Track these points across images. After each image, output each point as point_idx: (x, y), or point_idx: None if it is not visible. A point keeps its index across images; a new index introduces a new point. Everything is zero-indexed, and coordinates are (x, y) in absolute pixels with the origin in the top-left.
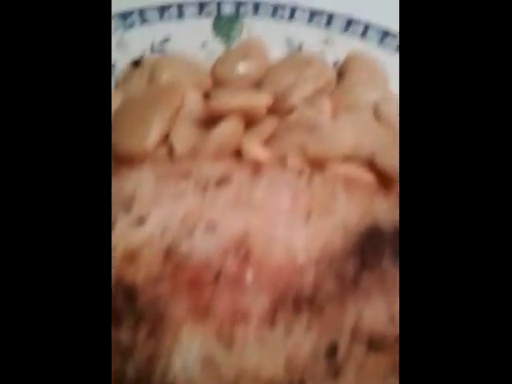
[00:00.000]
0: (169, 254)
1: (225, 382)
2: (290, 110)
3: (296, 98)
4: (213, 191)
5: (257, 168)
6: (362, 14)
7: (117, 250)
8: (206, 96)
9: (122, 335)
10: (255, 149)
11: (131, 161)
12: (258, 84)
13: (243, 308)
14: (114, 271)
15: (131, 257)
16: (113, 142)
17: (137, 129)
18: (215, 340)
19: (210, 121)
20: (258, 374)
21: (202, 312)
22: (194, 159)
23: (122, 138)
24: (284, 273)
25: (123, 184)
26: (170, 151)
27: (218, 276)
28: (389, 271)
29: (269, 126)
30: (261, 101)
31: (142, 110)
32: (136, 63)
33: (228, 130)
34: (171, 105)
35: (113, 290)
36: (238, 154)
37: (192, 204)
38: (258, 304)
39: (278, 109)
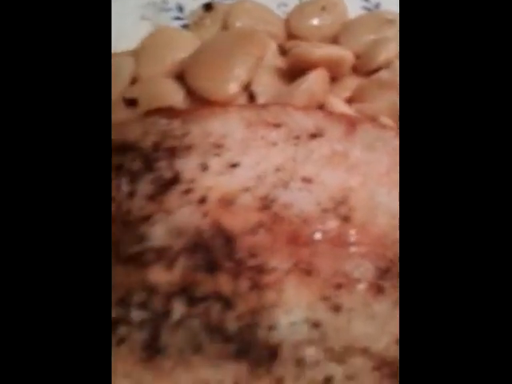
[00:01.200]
0: (266, 203)
1: (334, 353)
2: (375, 70)
3: (381, 57)
4: (306, 144)
5: (351, 124)
6: None
7: (211, 195)
8: (282, 49)
9: (222, 284)
10: (342, 106)
11: (215, 105)
12: (334, 41)
13: (347, 272)
14: (209, 216)
15: (227, 202)
16: (193, 86)
17: (217, 75)
18: (321, 302)
19: (292, 73)
20: (369, 348)
21: (304, 270)
22: (283, 108)
23: (202, 83)
24: (389, 239)
25: (211, 127)
26: (251, 101)
27: (318, 235)
28: None
29: (352, 83)
30: (347, 54)
31: (222, 56)
32: (207, 7)
33: (316, 82)
34: (253, 53)
35: (210, 236)
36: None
37: (285, 155)
38: (362, 270)
39: (360, 67)
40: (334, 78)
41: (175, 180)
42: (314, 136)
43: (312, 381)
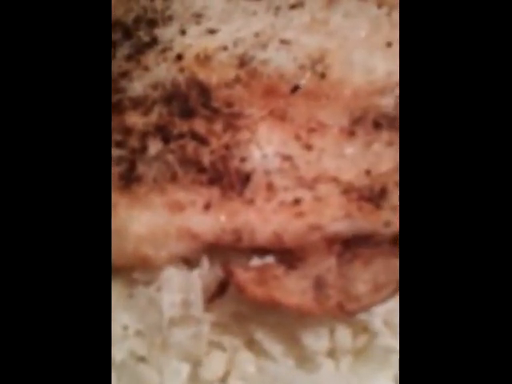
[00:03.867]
0: (243, 61)
1: (303, 181)
2: None
3: None
4: (286, 13)
5: None
6: None
7: (188, 53)
8: None
9: (196, 126)
10: None
11: None
12: None
13: (321, 120)
14: (185, 71)
15: (204, 59)
16: None
17: None
18: (293, 140)
19: None
20: (338, 178)
21: (279, 117)
22: None
23: None
24: (364, 91)
25: (191, 1)
26: None
27: (294, 89)
28: None
29: None
30: None
31: None
32: None
33: None
34: None
35: (185, 87)
36: None
37: (264, 22)
38: (336, 119)
39: None
40: None
41: (153, 42)
42: (294, 6)
43: (282, 202)
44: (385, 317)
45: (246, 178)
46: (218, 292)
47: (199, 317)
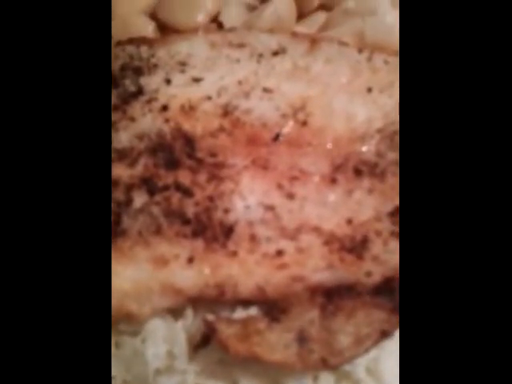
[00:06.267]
0: (227, 110)
1: (286, 232)
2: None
3: None
4: (268, 60)
5: (313, 42)
6: None
7: (173, 104)
8: None
9: (181, 177)
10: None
11: (183, 31)
12: None
13: (303, 167)
14: (171, 122)
15: (189, 109)
16: (163, 18)
17: (186, 6)
18: (276, 190)
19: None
20: (320, 228)
21: (261, 165)
22: (248, 30)
23: (172, 15)
24: (345, 139)
25: (177, 49)
26: (220, 27)
27: (276, 137)
28: None
29: (320, 18)
30: None
31: None
32: None
33: (282, 6)
34: None
35: (170, 138)
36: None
37: (248, 70)
38: (317, 166)
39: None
40: (303, 14)
41: (139, 92)
42: (276, 53)
43: (265, 254)
44: (367, 365)
45: (229, 230)
46: (203, 343)
47: (184, 368)
